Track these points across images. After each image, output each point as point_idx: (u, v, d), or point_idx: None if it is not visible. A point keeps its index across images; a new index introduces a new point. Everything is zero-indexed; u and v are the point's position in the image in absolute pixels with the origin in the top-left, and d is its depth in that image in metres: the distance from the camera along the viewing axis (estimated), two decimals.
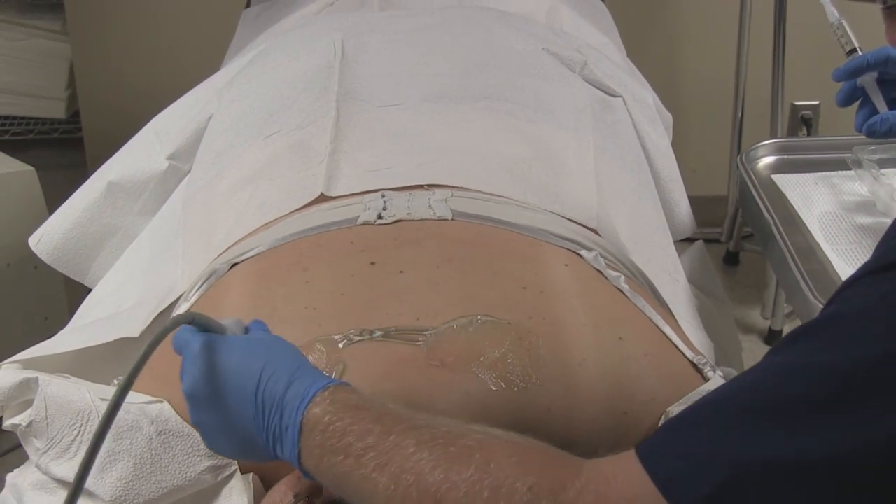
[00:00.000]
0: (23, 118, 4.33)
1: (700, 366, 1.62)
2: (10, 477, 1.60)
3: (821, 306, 1.88)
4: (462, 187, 1.79)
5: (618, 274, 1.70)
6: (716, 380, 1.59)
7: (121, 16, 4.00)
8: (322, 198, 1.79)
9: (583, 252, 1.71)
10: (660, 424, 1.51)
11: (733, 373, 1.64)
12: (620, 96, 2.24)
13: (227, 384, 1.30)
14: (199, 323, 1.33)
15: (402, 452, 1.21)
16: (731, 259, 4.04)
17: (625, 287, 1.68)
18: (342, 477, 1.24)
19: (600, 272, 1.69)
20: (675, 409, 1.52)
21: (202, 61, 2.50)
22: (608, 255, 1.74)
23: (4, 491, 1.59)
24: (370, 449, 1.22)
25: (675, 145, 2.29)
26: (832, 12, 2.07)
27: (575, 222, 1.79)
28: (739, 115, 3.86)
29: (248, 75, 2.26)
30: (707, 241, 3.10)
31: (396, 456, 1.21)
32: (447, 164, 1.85)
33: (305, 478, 1.30)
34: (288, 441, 1.27)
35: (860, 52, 2.03)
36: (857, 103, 2.04)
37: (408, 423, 1.24)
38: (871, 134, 1.97)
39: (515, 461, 1.18)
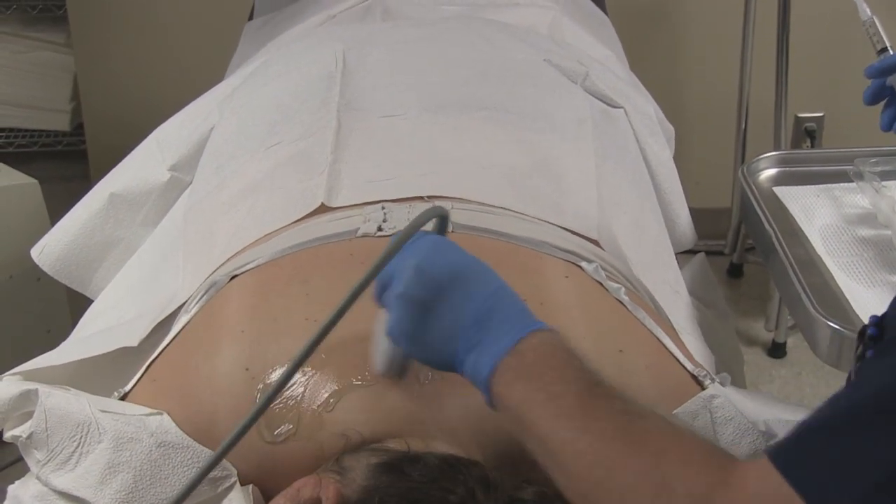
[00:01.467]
0: (26, 130, 4.34)
1: (700, 378, 1.63)
2: (11, 489, 1.60)
3: (822, 319, 1.88)
4: (462, 199, 1.79)
5: (618, 286, 1.70)
6: (714, 387, 1.60)
7: (124, 28, 4.01)
8: (323, 208, 1.79)
9: (583, 264, 1.71)
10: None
11: (729, 378, 1.65)
12: (622, 107, 2.24)
13: (464, 273, 1.36)
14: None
15: (591, 413, 1.24)
16: (735, 271, 4.04)
17: (625, 299, 1.68)
18: (524, 406, 1.27)
19: (601, 284, 1.69)
20: (683, 413, 1.55)
21: (205, 73, 2.50)
22: (609, 266, 1.74)
23: (6, 502, 1.59)
24: (566, 395, 1.25)
25: (679, 157, 2.29)
26: (864, 10, 2.06)
27: (576, 233, 1.79)
28: (743, 126, 3.87)
29: (250, 86, 2.26)
30: (711, 252, 3.10)
31: (586, 414, 1.24)
32: (448, 175, 1.85)
33: (485, 396, 1.33)
34: (492, 350, 1.30)
35: (891, 52, 2.01)
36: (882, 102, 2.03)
37: (606, 389, 1.27)
38: None
39: (682, 459, 1.19)
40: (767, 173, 2.68)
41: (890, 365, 1.15)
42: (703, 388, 1.61)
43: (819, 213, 2.47)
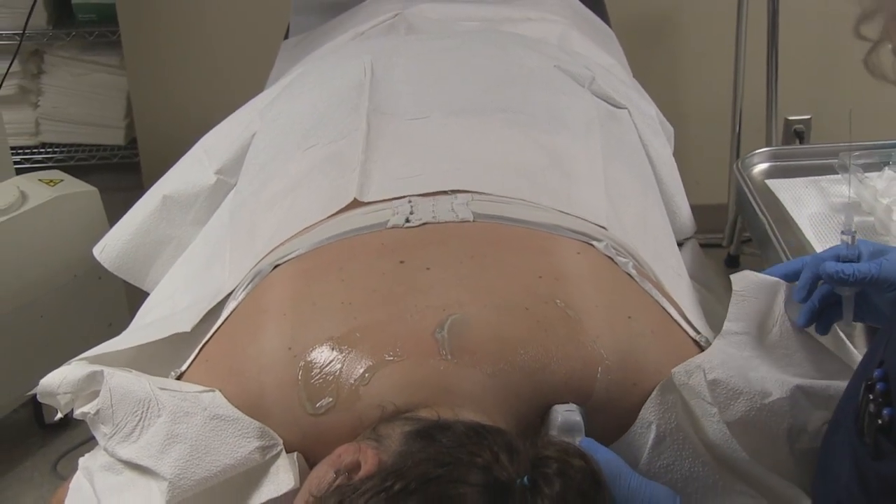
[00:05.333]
0: (86, 145, 4.35)
1: (700, 342, 1.64)
2: (81, 461, 1.62)
3: None
4: (482, 192, 1.80)
5: (626, 260, 1.71)
6: (711, 348, 1.62)
7: (172, 51, 4.02)
8: (355, 203, 1.79)
9: (594, 243, 1.72)
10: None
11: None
12: (626, 108, 2.24)
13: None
14: None
15: None
16: (732, 262, 4.02)
17: (633, 272, 1.69)
18: None
19: (611, 259, 1.70)
20: (678, 374, 1.55)
21: (245, 88, 2.51)
22: (617, 245, 1.74)
23: (78, 473, 1.61)
24: None
25: (679, 158, 2.28)
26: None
27: (586, 221, 1.79)
28: (737, 129, 3.86)
29: (287, 96, 2.27)
30: (710, 245, 3.11)
31: None
32: (468, 171, 1.85)
33: None
34: None
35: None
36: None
37: None
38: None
39: None
40: (760, 167, 2.69)
41: None
42: (701, 349, 1.63)
43: (808, 203, 2.48)
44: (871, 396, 1.31)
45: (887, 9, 1.14)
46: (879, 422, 1.28)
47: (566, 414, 1.51)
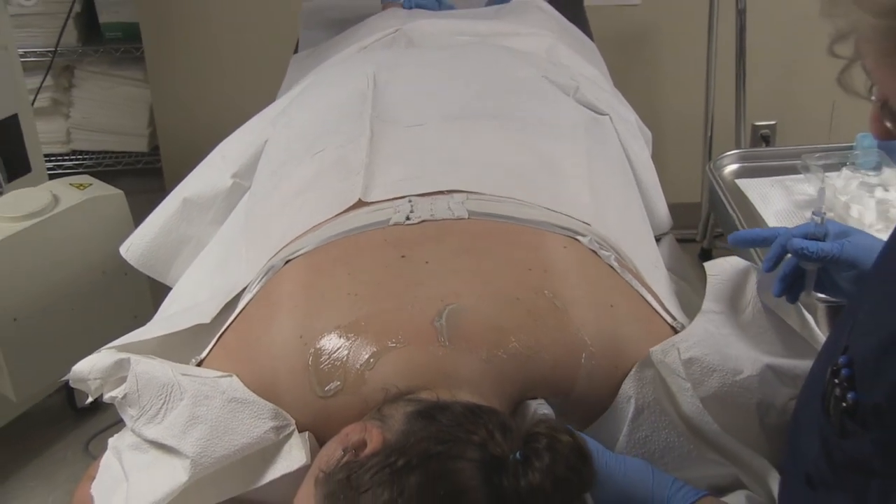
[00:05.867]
0: (112, 152, 4.35)
1: (677, 328, 1.65)
2: (110, 441, 1.63)
3: None
4: (476, 192, 1.79)
5: (609, 253, 1.70)
6: (691, 326, 1.63)
7: (191, 66, 4.02)
8: (360, 203, 1.79)
9: (579, 237, 1.71)
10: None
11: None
12: (607, 115, 2.23)
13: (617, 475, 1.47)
14: None
15: None
16: (705, 255, 4.02)
17: (615, 264, 1.69)
18: None
19: (595, 252, 1.70)
20: (655, 352, 1.56)
21: (259, 99, 2.50)
22: (600, 240, 1.74)
23: (107, 452, 1.62)
24: None
25: (656, 161, 2.28)
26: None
27: (572, 218, 1.79)
28: (709, 134, 3.86)
29: (297, 105, 2.26)
30: (685, 240, 3.10)
31: None
32: (463, 172, 1.84)
33: None
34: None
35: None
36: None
37: None
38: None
39: None
40: (730, 168, 2.70)
41: None
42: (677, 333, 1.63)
43: (774, 200, 2.49)
44: (836, 381, 1.30)
45: (860, 31, 1.14)
46: (844, 404, 1.28)
47: (538, 407, 1.52)
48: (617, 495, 1.46)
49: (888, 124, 1.21)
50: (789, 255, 1.65)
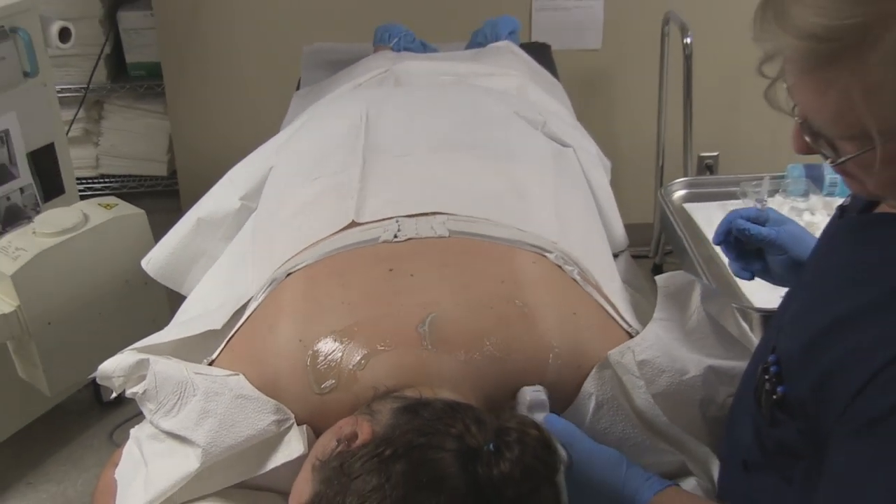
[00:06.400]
0: (135, 176, 4.34)
1: (631, 333, 1.65)
2: (132, 431, 1.63)
3: (722, 299, 1.88)
4: (455, 213, 1.79)
5: (572, 268, 1.70)
6: (644, 332, 1.64)
7: (205, 101, 4.01)
8: (352, 224, 1.79)
9: (546, 254, 1.71)
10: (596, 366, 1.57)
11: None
12: (571, 147, 2.22)
13: (594, 463, 1.46)
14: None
15: None
16: (657, 270, 4.02)
17: (577, 278, 1.69)
18: None
19: (560, 267, 1.70)
20: (612, 354, 1.57)
21: (264, 130, 2.49)
22: (565, 256, 1.74)
23: (129, 441, 1.62)
24: None
25: (614, 187, 2.27)
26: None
27: (540, 236, 1.78)
28: (660, 163, 3.87)
29: (298, 136, 2.25)
30: (639, 256, 3.10)
31: None
32: (444, 196, 1.84)
33: None
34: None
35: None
36: None
37: None
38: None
39: None
40: (679, 193, 2.70)
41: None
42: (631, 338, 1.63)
43: (716, 222, 2.46)
44: (766, 377, 1.34)
45: (783, 52, 1.15)
46: (774, 397, 1.32)
47: (534, 394, 1.51)
48: (593, 479, 1.46)
49: (807, 139, 1.23)
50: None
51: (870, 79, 1.10)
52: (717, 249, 2.30)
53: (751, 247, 1.75)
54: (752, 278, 1.76)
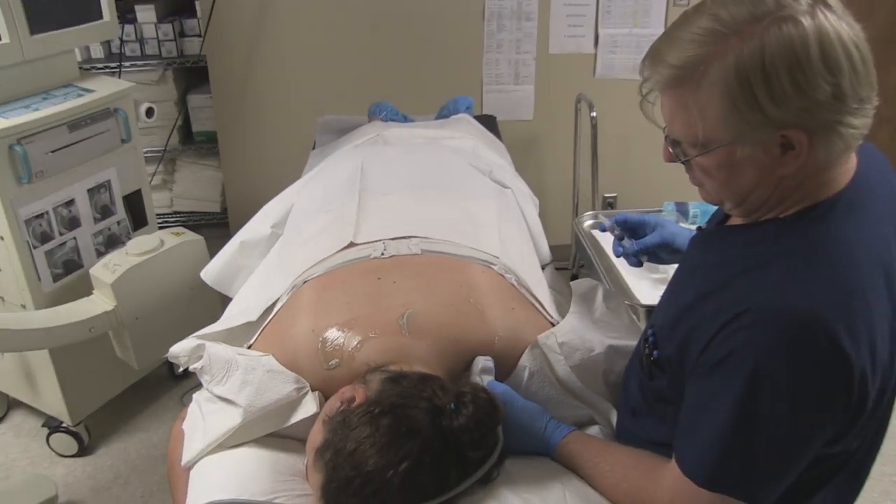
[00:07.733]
0: (197, 212, 4.31)
1: (554, 323, 1.65)
2: (195, 395, 1.62)
3: (620, 298, 1.87)
4: (424, 236, 1.78)
5: (511, 276, 1.70)
6: (563, 322, 1.63)
7: (248, 158, 4.00)
8: (351, 244, 1.78)
9: (492, 266, 1.71)
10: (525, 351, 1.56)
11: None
12: (510, 188, 2.22)
13: (523, 415, 1.47)
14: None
15: (609, 460, 1.38)
16: (573, 278, 3.99)
17: (515, 283, 1.69)
18: (577, 467, 1.42)
19: (502, 275, 1.69)
20: (542, 337, 1.57)
21: (290, 178, 2.47)
22: (505, 268, 1.73)
23: (192, 403, 1.61)
24: (598, 459, 1.39)
25: (541, 217, 2.27)
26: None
27: (487, 253, 1.78)
28: (575, 201, 3.86)
29: (313, 182, 2.24)
30: (560, 268, 3.09)
31: (607, 464, 1.37)
32: (418, 224, 1.83)
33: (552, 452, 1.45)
34: (552, 447, 1.45)
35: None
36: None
37: (609, 453, 1.41)
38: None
39: (642, 474, 1.32)
40: (588, 223, 2.70)
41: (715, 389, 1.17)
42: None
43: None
44: (646, 343, 1.37)
45: (654, 79, 1.18)
46: (651, 358, 1.35)
47: (485, 362, 1.51)
48: (523, 427, 1.46)
49: (671, 150, 1.24)
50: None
51: (702, 99, 1.13)
52: (616, 262, 2.30)
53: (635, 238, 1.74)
54: (640, 265, 1.75)
